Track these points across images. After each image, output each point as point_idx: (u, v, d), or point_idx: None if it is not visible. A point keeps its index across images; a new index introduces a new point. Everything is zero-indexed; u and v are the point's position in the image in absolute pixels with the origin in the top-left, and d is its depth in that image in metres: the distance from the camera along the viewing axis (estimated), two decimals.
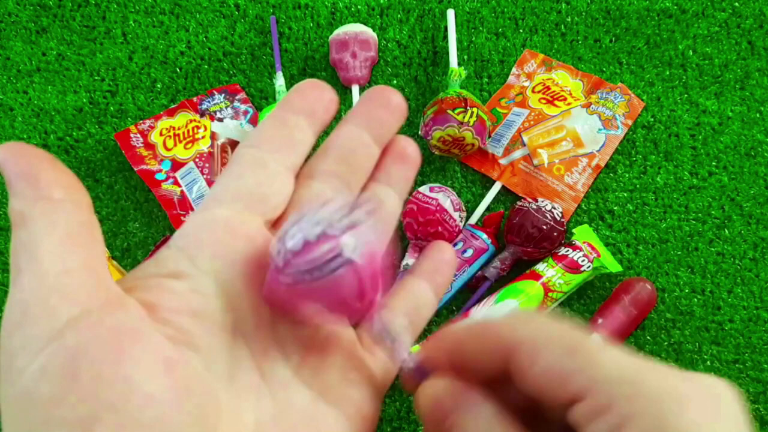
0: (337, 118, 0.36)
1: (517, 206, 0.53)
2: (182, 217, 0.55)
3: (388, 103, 0.22)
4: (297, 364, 0.20)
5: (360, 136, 0.22)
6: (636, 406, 0.15)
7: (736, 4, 0.62)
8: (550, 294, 0.50)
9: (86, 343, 0.15)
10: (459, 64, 0.59)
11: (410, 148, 0.24)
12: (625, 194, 0.57)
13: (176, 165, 0.56)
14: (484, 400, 0.18)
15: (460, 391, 0.18)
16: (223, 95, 0.59)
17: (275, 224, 0.21)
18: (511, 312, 0.18)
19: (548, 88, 0.59)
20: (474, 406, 0.18)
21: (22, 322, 0.15)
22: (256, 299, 0.19)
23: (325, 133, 0.29)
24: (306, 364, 0.20)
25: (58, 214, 0.17)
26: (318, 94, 0.22)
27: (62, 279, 0.16)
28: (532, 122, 0.58)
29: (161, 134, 0.57)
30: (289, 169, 0.21)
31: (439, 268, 0.24)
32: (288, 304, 0.19)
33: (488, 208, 0.56)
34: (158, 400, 0.15)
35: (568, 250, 0.51)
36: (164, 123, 0.58)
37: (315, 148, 0.23)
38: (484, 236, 0.53)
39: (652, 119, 0.59)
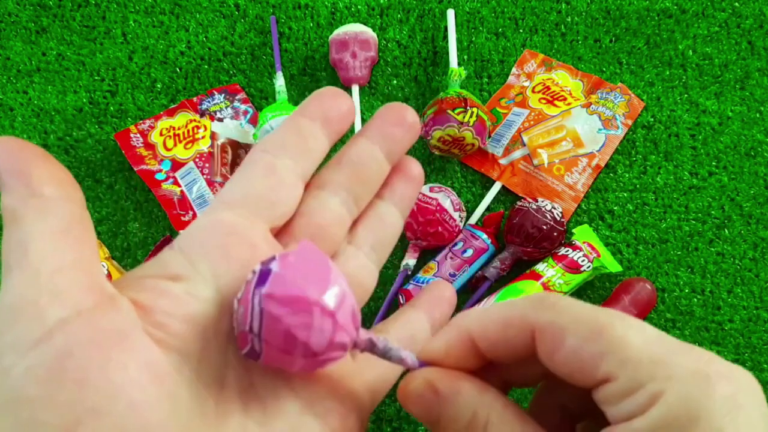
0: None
1: (517, 206, 0.53)
2: (182, 217, 0.55)
3: (403, 121, 0.23)
4: (289, 374, 0.20)
5: (372, 152, 0.22)
6: (665, 384, 0.15)
7: (736, 4, 0.62)
8: None
9: (74, 346, 0.15)
10: (459, 64, 0.59)
11: (416, 169, 0.24)
12: (625, 194, 0.57)
13: (176, 165, 0.56)
14: (469, 386, 0.18)
15: (444, 380, 0.18)
16: (223, 95, 0.59)
17: (280, 231, 0.21)
18: (533, 294, 0.18)
19: (548, 88, 0.59)
20: (458, 395, 0.18)
21: (11, 322, 0.15)
22: None
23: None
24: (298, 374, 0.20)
25: (50, 211, 0.16)
26: (336, 103, 0.22)
27: (53, 278, 0.16)
28: (532, 122, 0.58)
29: (161, 134, 0.57)
30: (299, 176, 0.21)
31: (438, 304, 0.25)
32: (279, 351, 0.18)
33: (488, 208, 0.56)
34: (143, 407, 0.15)
35: (568, 250, 0.51)
36: (164, 123, 0.58)
37: (328, 157, 0.23)
38: (484, 236, 0.53)
39: (652, 119, 0.59)
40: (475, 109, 0.53)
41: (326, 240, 0.22)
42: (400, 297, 0.52)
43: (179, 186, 0.55)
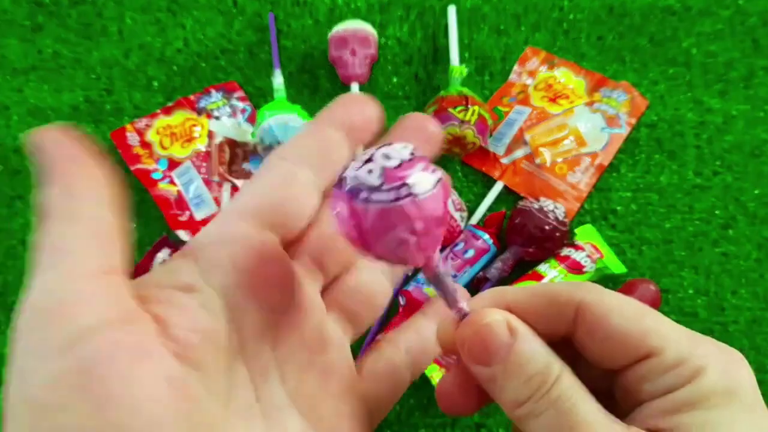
0: None
1: (518, 206, 0.52)
2: (179, 217, 0.54)
3: (424, 131, 0.22)
4: (293, 389, 0.20)
5: None
6: (706, 360, 0.16)
7: (740, 1, 0.61)
8: None
9: (98, 357, 0.15)
10: (460, 62, 0.58)
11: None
12: (629, 194, 0.56)
13: (173, 164, 0.55)
14: (542, 341, 0.18)
15: (522, 325, 0.18)
16: (220, 93, 0.59)
17: (293, 243, 0.21)
18: (573, 282, 0.19)
19: (550, 86, 0.59)
20: (538, 339, 0.18)
21: (38, 326, 0.15)
22: (262, 319, 0.19)
23: None
24: (302, 391, 0.20)
25: (87, 213, 0.16)
26: (361, 109, 0.21)
27: (82, 284, 0.15)
28: (534, 121, 0.57)
29: (158, 133, 0.56)
30: (318, 187, 0.21)
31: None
32: (370, 234, 0.17)
33: (490, 208, 0.55)
34: (159, 423, 0.15)
35: (570, 251, 0.51)
36: (161, 121, 0.57)
37: None
38: (486, 236, 0.52)
39: (656, 118, 0.58)
40: (476, 108, 0.52)
41: (337, 252, 0.21)
42: (400, 298, 0.51)
43: (176, 185, 0.55)
